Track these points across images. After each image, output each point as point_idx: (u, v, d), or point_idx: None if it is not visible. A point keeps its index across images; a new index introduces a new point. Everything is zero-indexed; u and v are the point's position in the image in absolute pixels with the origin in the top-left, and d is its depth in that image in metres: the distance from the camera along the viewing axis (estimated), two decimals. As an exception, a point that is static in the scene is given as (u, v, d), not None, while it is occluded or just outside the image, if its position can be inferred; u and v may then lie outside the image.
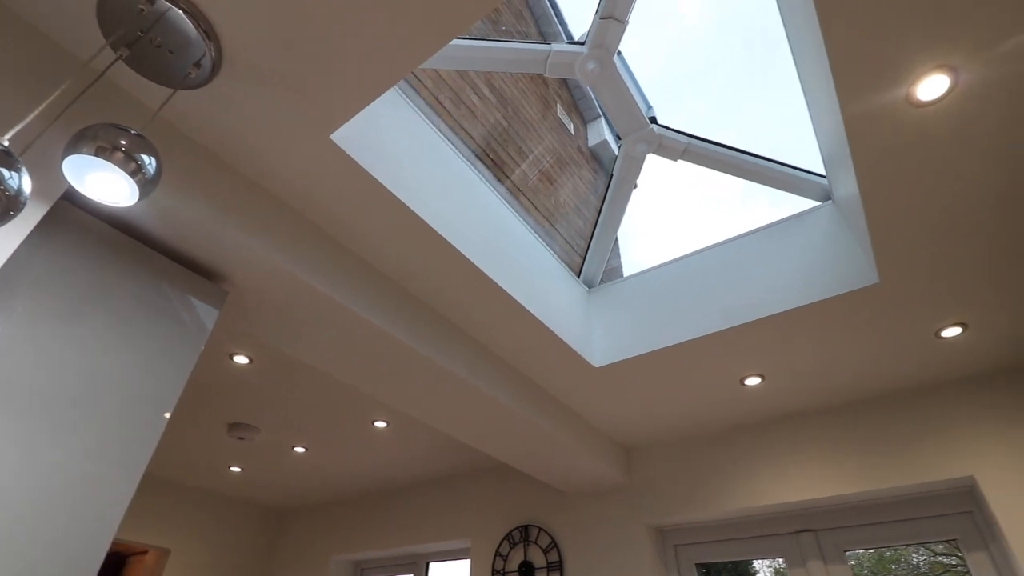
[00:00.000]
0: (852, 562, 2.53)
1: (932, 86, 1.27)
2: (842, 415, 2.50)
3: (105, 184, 0.99)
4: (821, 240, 1.95)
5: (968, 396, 2.25)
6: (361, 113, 1.52)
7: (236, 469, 3.74)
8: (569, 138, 4.22)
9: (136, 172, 0.99)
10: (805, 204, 2.08)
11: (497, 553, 3.23)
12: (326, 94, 1.31)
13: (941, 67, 1.23)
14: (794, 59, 1.62)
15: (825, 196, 2.05)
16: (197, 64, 1.24)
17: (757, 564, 2.88)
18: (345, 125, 1.46)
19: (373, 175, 1.50)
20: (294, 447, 3.35)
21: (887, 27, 1.16)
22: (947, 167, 1.45)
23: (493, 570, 3.20)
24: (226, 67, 1.26)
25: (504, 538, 3.25)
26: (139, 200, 1.02)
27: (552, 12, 3.82)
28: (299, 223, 1.62)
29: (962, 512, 2.23)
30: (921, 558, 2.52)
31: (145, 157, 1.00)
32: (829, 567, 2.40)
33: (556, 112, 4.11)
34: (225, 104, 1.34)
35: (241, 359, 2.40)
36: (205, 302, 1.51)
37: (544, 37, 3.85)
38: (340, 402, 2.82)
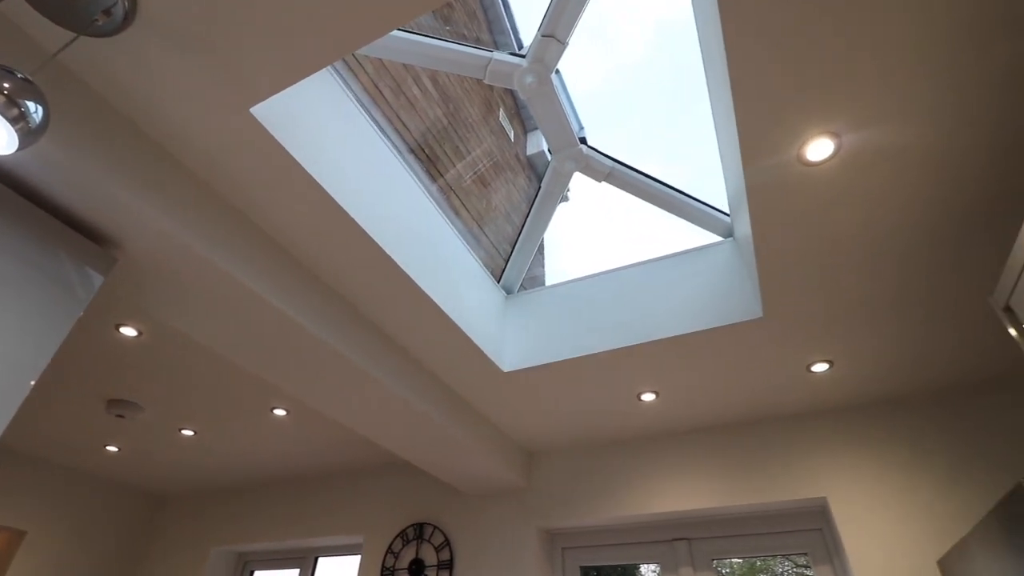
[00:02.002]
0: (726, 571, 2.75)
1: (819, 148, 1.43)
2: (722, 434, 2.71)
3: (-22, 127, 0.90)
4: (719, 273, 2.12)
5: (828, 425, 2.52)
6: (288, 89, 1.47)
7: (112, 449, 3.45)
8: (508, 144, 4.27)
9: (18, 119, 0.91)
10: (703, 234, 2.26)
11: (389, 550, 3.20)
12: (250, 67, 1.27)
13: (827, 132, 1.38)
14: (712, 110, 1.75)
15: (728, 233, 2.23)
16: (107, 12, 1.16)
17: (643, 568, 3.05)
18: (268, 100, 1.41)
19: (292, 154, 1.46)
20: (181, 429, 3.14)
21: (785, 96, 1.30)
22: (828, 221, 1.63)
23: (383, 567, 3.17)
24: (140, 20, 1.19)
25: (398, 535, 3.23)
26: (19, 149, 0.94)
27: (505, 18, 3.85)
28: (206, 195, 1.54)
29: (814, 529, 2.49)
30: (785, 568, 2.78)
31: (31, 104, 0.93)
32: (698, 574, 2.59)
33: (498, 117, 4.15)
34: (135, 59, 1.26)
35: (128, 331, 2.23)
36: (89, 266, 1.40)
37: (495, 41, 3.88)
38: (237, 385, 2.69)
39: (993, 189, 1.54)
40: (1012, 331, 1.43)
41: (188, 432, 3.18)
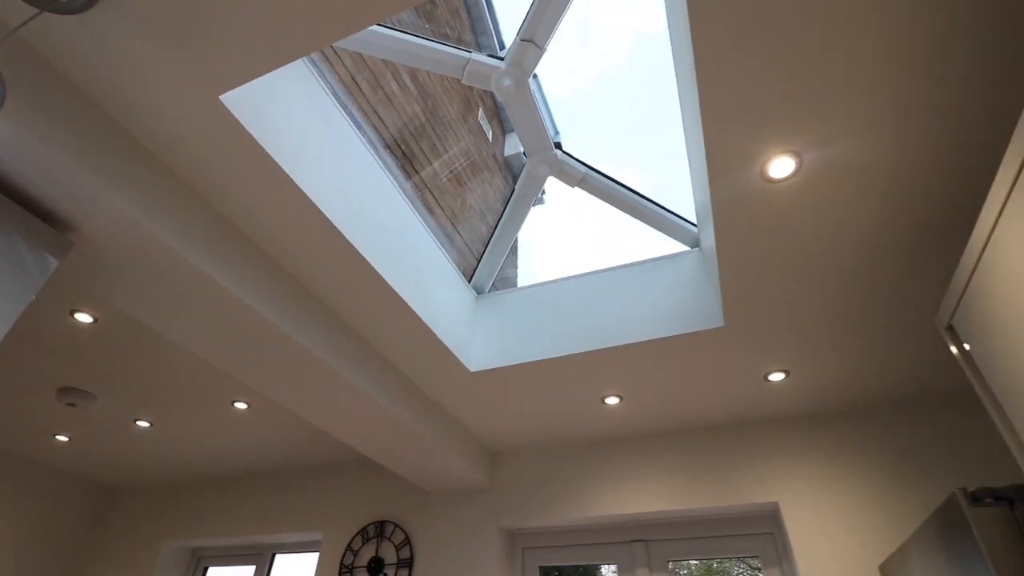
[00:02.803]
0: (684, 572, 2.82)
1: (781, 166, 1.48)
2: (681, 439, 2.78)
3: (-72, 101, 0.87)
4: (685, 282, 2.17)
5: (782, 433, 2.61)
6: (260, 78, 1.46)
7: (62, 438, 3.33)
8: (486, 144, 4.27)
9: (-29, 95, 0.88)
10: (672, 242, 2.31)
11: (348, 547, 3.17)
12: (221, 53, 1.25)
13: (788, 151, 1.44)
14: (683, 125, 1.80)
15: (695, 243, 2.28)
16: (72, -11, 1.13)
17: (604, 569, 3.09)
18: (239, 88, 1.39)
19: (261, 143, 1.43)
20: (136, 420, 3.05)
21: (749, 118, 1.35)
22: (788, 236, 1.69)
23: (342, 565, 3.13)
24: None
25: (358, 533, 3.20)
26: (-30, 126, 0.91)
27: (488, 18, 3.85)
28: (170, 181, 1.51)
29: (766, 533, 2.57)
30: (740, 571, 2.86)
31: (-15, 80, 0.90)
32: (654, 575, 2.65)
33: (477, 116, 4.15)
34: (101, 39, 1.22)
35: (84, 318, 2.16)
36: (44, 250, 1.35)
37: (477, 42, 3.88)
38: (197, 377, 2.63)
39: (953, 204, 1.58)
40: (954, 349, 1.50)
41: (143, 423, 3.09)
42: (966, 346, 1.44)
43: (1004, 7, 1.15)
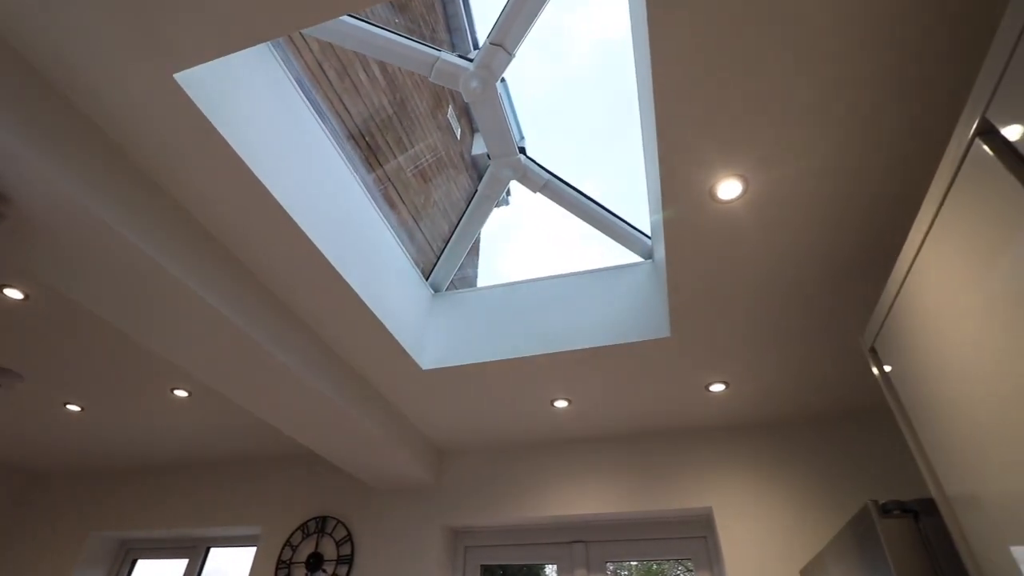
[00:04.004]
0: (625, 573, 2.89)
1: (729, 188, 1.55)
2: (623, 443, 2.85)
3: None
4: (637, 291, 2.24)
5: (719, 441, 2.72)
6: (218, 59, 1.42)
7: (-18, 419, 3.14)
8: (454, 141, 4.26)
9: None
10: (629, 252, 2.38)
11: (288, 543, 3.11)
12: (178, 31, 1.21)
13: (735, 175, 1.50)
14: (642, 141, 1.85)
15: (649, 254, 2.35)
16: (18, -50, 1.07)
17: (548, 569, 3.14)
18: (195, 68, 1.35)
19: (215, 125, 1.40)
20: (67, 404, 2.90)
21: (700, 143, 1.41)
22: (733, 254, 1.76)
23: (280, 560, 3.07)
24: (56, -34, 1.11)
25: (299, 528, 3.14)
26: None
27: (463, 15, 3.83)
28: (115, 157, 1.45)
29: (699, 536, 2.67)
30: (677, 573, 2.96)
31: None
32: (592, 575, 2.71)
33: (447, 113, 4.13)
34: (45, 2, 1.17)
35: (13, 293, 2.05)
36: (-30, 220, 1.28)
37: (451, 38, 3.86)
38: (134, 361, 2.52)
39: (895, 226, 1.66)
40: (875, 370, 1.60)
41: (74, 407, 2.94)
42: (886, 368, 1.54)
43: (952, 32, 1.23)
